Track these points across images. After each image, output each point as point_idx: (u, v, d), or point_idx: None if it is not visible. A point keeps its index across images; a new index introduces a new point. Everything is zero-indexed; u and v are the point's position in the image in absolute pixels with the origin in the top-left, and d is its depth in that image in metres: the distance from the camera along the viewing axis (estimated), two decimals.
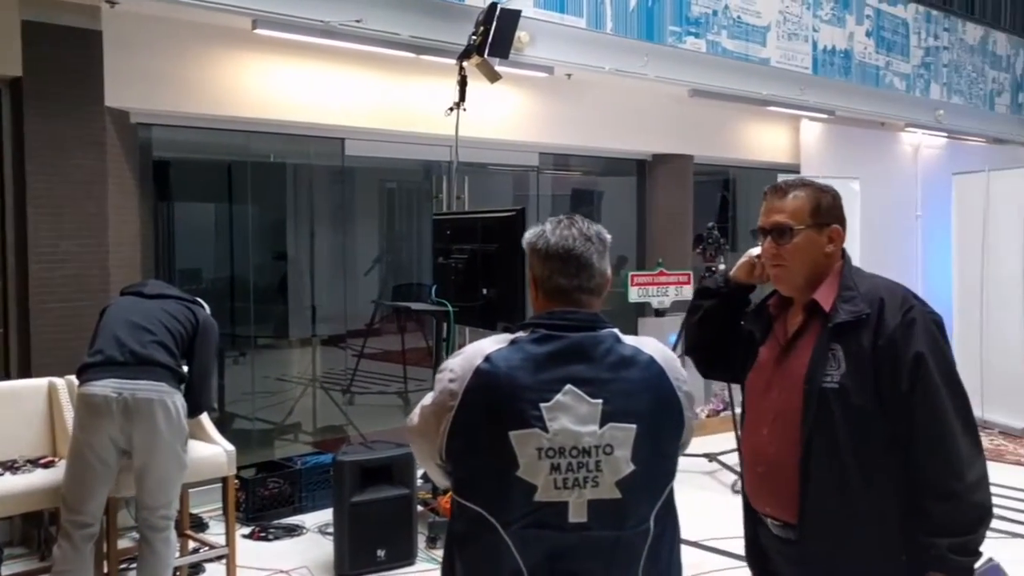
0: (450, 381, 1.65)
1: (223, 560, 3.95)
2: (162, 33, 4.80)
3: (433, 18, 5.41)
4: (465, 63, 5.06)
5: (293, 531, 4.79)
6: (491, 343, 1.68)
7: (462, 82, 5.04)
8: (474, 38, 5.02)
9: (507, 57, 5.25)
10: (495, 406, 1.61)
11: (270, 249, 6.92)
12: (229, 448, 3.93)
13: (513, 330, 1.71)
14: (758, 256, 2.12)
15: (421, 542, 4.43)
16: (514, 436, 1.59)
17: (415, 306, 5.41)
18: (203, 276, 6.44)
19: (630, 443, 1.62)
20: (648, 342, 1.73)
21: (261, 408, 6.19)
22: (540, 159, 7.17)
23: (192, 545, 4.14)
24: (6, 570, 4.03)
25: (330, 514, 4.43)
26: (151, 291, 3.70)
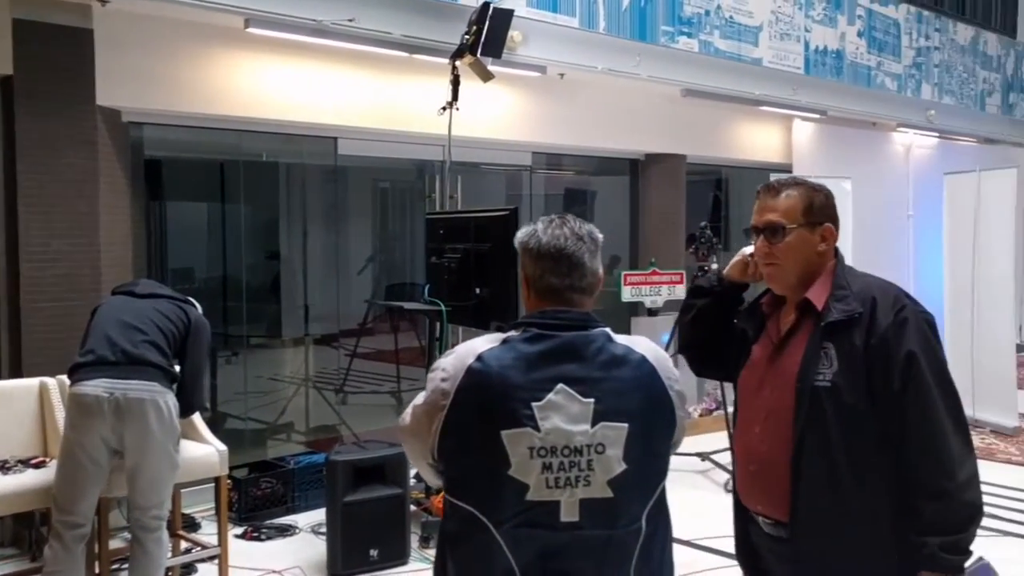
0: (442, 380, 1.65)
1: (215, 560, 3.94)
2: (154, 32, 4.79)
3: (426, 17, 5.41)
4: (458, 62, 5.05)
5: (286, 531, 4.78)
6: (483, 342, 1.68)
7: (455, 81, 5.04)
8: (467, 37, 5.02)
9: (500, 56, 5.25)
10: (487, 405, 1.61)
11: (263, 248, 6.90)
12: (221, 448, 3.92)
13: (505, 329, 1.71)
14: (751, 255, 2.13)
15: (414, 542, 4.43)
16: (506, 435, 1.59)
17: (408, 305, 5.41)
18: (195, 275, 6.42)
19: (622, 442, 1.62)
20: (640, 341, 1.73)
21: (254, 408, 6.18)
22: (533, 158, 7.17)
23: (184, 545, 4.13)
24: None
25: (323, 514, 4.42)
26: (143, 290, 3.68)
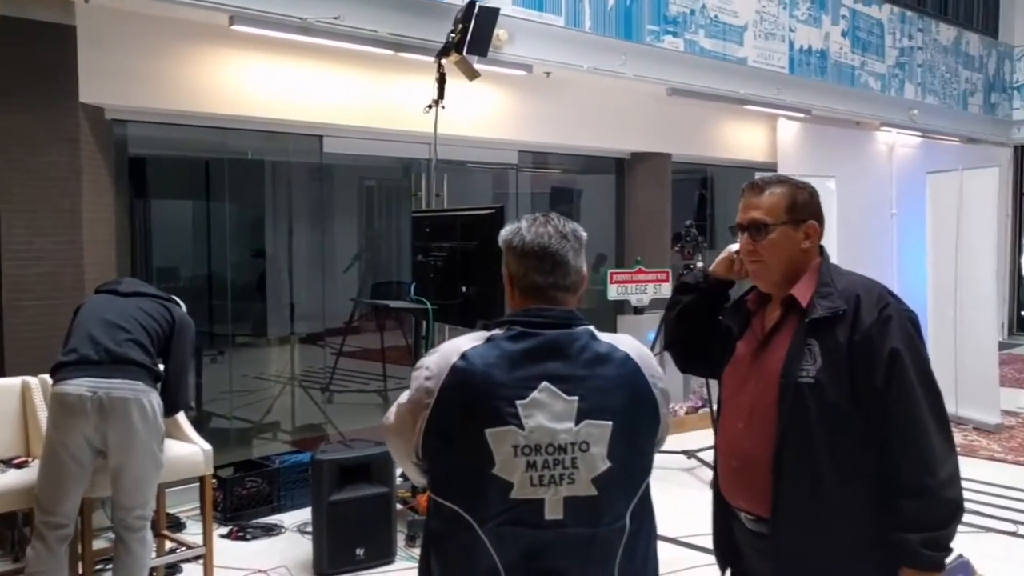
0: (426, 379, 1.65)
1: (200, 560, 3.92)
2: (137, 28, 4.76)
3: (411, 15, 5.40)
4: (444, 61, 5.04)
5: (271, 530, 4.76)
6: (467, 341, 1.68)
7: (441, 80, 5.03)
8: (453, 36, 5.01)
9: (486, 55, 5.25)
10: (471, 403, 1.61)
11: (248, 247, 6.87)
12: (206, 447, 3.90)
13: (489, 327, 1.71)
14: (737, 252, 2.14)
15: (400, 540, 4.42)
16: (490, 434, 1.59)
17: (394, 304, 5.39)
18: (180, 274, 6.38)
19: (606, 440, 1.62)
20: (623, 339, 1.74)
21: (239, 407, 6.15)
22: (519, 157, 7.18)
23: (169, 545, 4.11)
24: None
25: (309, 513, 4.41)
26: (126, 289, 3.66)
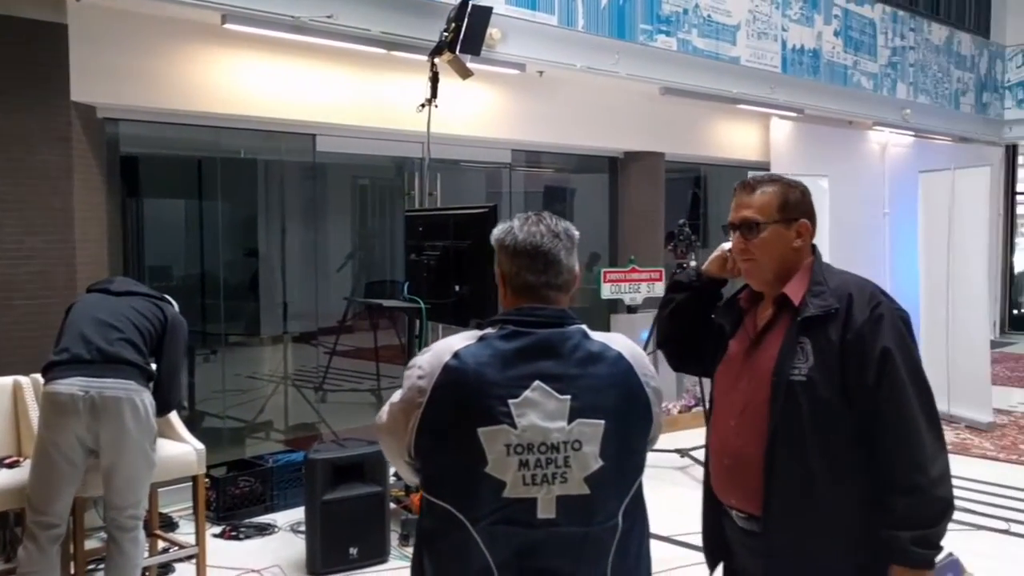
0: (419, 378, 1.65)
1: (193, 560, 3.91)
2: (130, 27, 4.74)
3: (404, 14, 5.40)
4: (437, 59, 5.04)
5: (264, 530, 4.76)
6: (460, 340, 1.67)
7: (434, 78, 5.03)
8: (446, 34, 5.01)
9: (479, 54, 5.25)
10: (464, 402, 1.60)
11: (241, 246, 6.85)
12: (199, 447, 3.90)
13: (482, 326, 1.71)
14: (730, 250, 2.14)
15: (394, 540, 4.42)
16: (483, 433, 1.59)
17: (387, 303, 5.39)
18: (173, 273, 6.37)
19: (598, 439, 1.62)
20: (616, 338, 1.74)
21: (232, 406, 6.14)
22: (512, 156, 7.18)
23: (161, 545, 4.10)
24: None
25: (302, 512, 4.40)
26: (118, 288, 3.65)
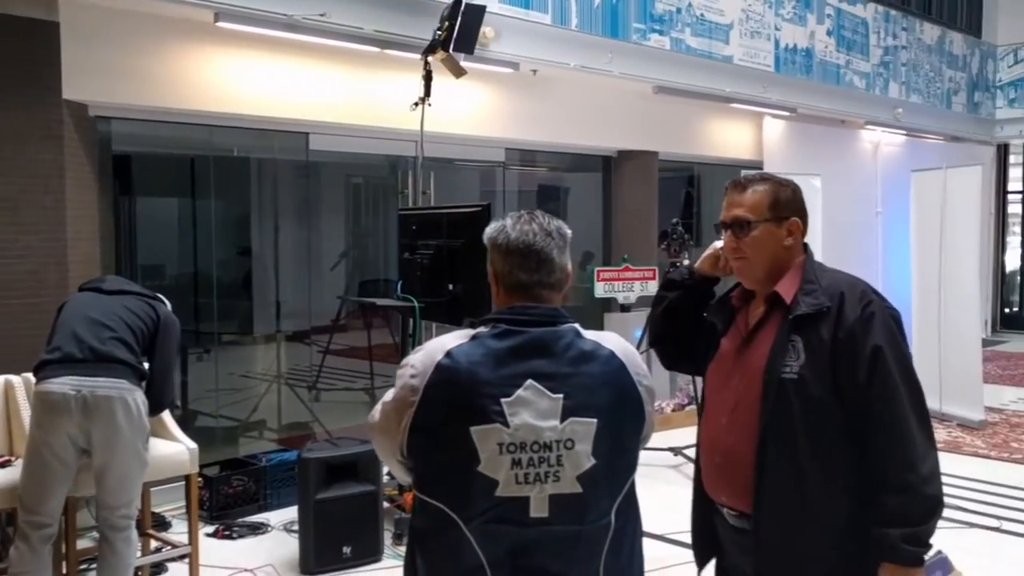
0: (411, 377, 1.64)
1: (186, 559, 3.91)
2: (122, 25, 4.72)
3: (398, 12, 5.39)
4: (430, 58, 5.03)
5: (258, 529, 4.75)
6: (452, 338, 1.67)
7: (427, 77, 5.02)
8: (439, 33, 5.00)
9: (472, 52, 5.24)
10: (456, 401, 1.60)
11: (234, 244, 6.84)
12: (192, 446, 3.89)
13: (475, 325, 1.71)
14: (722, 249, 2.14)
15: (387, 539, 4.41)
16: (475, 431, 1.58)
17: (380, 302, 5.38)
18: (166, 272, 6.36)
19: (591, 437, 1.63)
20: (609, 337, 1.74)
21: (225, 405, 6.13)
22: (506, 155, 7.18)
23: (154, 544, 4.09)
24: None
25: (295, 512, 4.40)
26: (110, 287, 3.64)
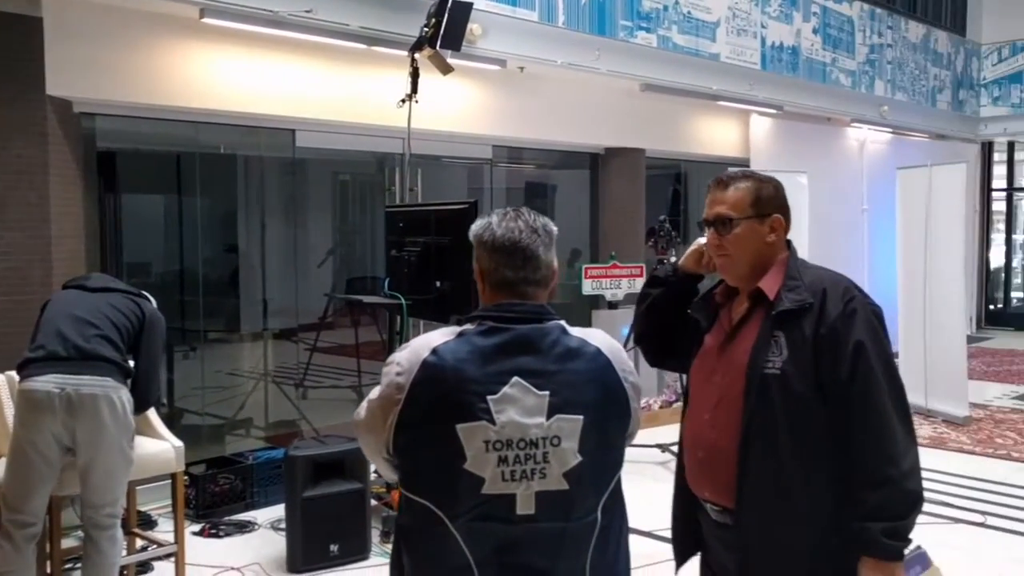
0: (397, 374, 1.64)
1: (172, 558, 3.89)
2: (106, 21, 4.69)
3: (384, 9, 5.38)
4: (417, 55, 5.03)
5: (244, 527, 4.73)
6: (438, 336, 1.67)
7: (414, 74, 5.01)
8: (426, 30, 5.00)
9: (459, 49, 5.24)
10: (442, 399, 1.60)
11: (220, 242, 6.81)
12: (177, 444, 3.87)
13: (461, 322, 1.71)
14: (706, 246, 2.15)
15: (375, 536, 4.41)
16: (461, 429, 1.58)
17: (367, 299, 5.37)
18: (152, 269, 6.32)
19: (577, 434, 1.63)
20: (595, 334, 1.74)
21: (212, 403, 6.10)
22: (494, 152, 7.18)
23: (140, 543, 4.07)
24: None
25: (282, 510, 4.39)
26: (95, 284, 3.62)
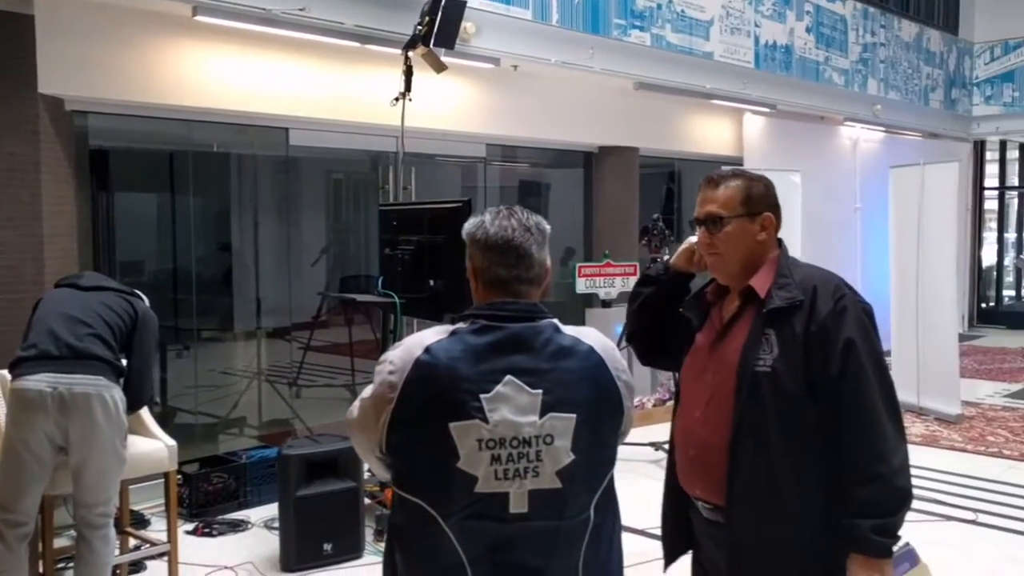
0: (390, 373, 1.64)
1: (165, 557, 3.89)
2: (99, 18, 4.67)
3: (378, 7, 5.37)
4: (411, 53, 5.02)
5: (238, 526, 4.73)
6: (431, 334, 1.67)
7: (408, 72, 5.01)
8: (420, 28, 4.99)
9: (453, 48, 5.24)
10: (435, 398, 1.60)
11: (214, 240, 6.79)
12: (170, 443, 3.86)
13: (454, 321, 1.71)
14: (697, 244, 2.16)
15: (368, 535, 4.41)
16: (454, 428, 1.58)
17: (361, 298, 5.36)
18: (145, 268, 6.30)
19: (570, 433, 1.63)
20: (587, 332, 1.74)
21: (205, 402, 6.09)
22: (488, 150, 7.17)
23: (132, 542, 4.07)
24: None
25: (275, 508, 4.38)
26: (87, 283, 3.60)
